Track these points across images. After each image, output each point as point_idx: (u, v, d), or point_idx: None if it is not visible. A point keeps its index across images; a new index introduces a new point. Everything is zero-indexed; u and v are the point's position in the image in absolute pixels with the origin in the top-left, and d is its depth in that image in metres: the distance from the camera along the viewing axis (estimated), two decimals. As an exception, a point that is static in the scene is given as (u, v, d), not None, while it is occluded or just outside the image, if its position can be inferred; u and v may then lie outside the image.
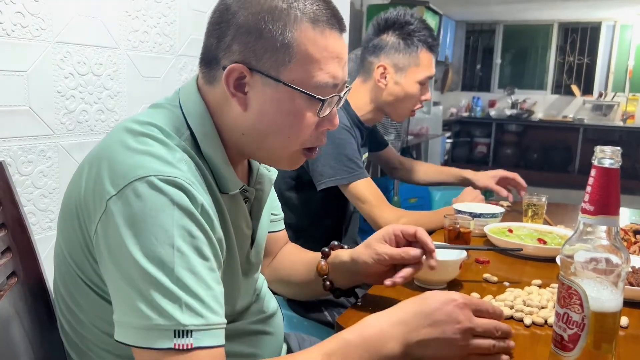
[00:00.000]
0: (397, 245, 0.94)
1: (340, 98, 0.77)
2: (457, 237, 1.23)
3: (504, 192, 1.72)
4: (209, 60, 0.76)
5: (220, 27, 0.74)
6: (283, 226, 1.08)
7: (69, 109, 1.12)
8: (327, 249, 1.01)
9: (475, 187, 1.74)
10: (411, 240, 0.94)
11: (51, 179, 1.10)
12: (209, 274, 0.66)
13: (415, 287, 1.02)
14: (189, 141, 0.74)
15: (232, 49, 0.73)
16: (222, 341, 0.65)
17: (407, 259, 0.91)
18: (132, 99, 1.28)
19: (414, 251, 0.91)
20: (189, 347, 0.62)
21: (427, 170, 1.94)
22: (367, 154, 1.67)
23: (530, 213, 1.53)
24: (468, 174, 1.82)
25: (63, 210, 0.75)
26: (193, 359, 0.63)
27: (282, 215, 1.06)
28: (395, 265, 0.93)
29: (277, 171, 0.95)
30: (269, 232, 0.98)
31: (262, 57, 0.72)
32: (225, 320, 0.67)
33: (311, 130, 0.77)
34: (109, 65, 1.21)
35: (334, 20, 0.74)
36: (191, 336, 0.63)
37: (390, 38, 1.51)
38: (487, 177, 1.76)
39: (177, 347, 0.62)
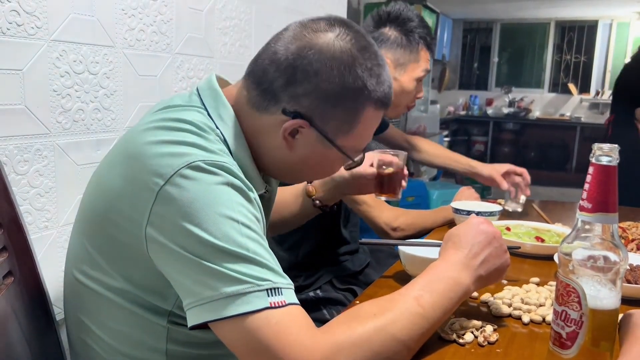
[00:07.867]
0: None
1: None
2: (383, 185, 1.13)
3: (504, 185, 1.65)
4: (265, 90, 0.76)
5: (294, 72, 0.74)
6: None
7: (65, 108, 1.12)
8: None
9: (479, 177, 1.73)
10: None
11: (47, 178, 1.09)
12: (266, 244, 0.68)
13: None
14: (221, 141, 0.75)
15: (301, 101, 0.75)
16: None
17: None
18: (128, 97, 1.27)
19: (371, 170, 1.10)
20: (283, 303, 0.64)
21: (436, 152, 1.89)
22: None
23: None
24: (476, 163, 1.78)
25: (89, 215, 0.75)
26: (287, 314, 0.64)
27: None
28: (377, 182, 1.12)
29: None
30: None
31: (329, 122, 0.76)
32: None
33: None
34: (105, 63, 1.20)
35: (389, 101, 0.81)
36: (282, 294, 0.64)
37: (391, 32, 1.48)
38: (493, 169, 1.70)
39: (273, 305, 0.63)
